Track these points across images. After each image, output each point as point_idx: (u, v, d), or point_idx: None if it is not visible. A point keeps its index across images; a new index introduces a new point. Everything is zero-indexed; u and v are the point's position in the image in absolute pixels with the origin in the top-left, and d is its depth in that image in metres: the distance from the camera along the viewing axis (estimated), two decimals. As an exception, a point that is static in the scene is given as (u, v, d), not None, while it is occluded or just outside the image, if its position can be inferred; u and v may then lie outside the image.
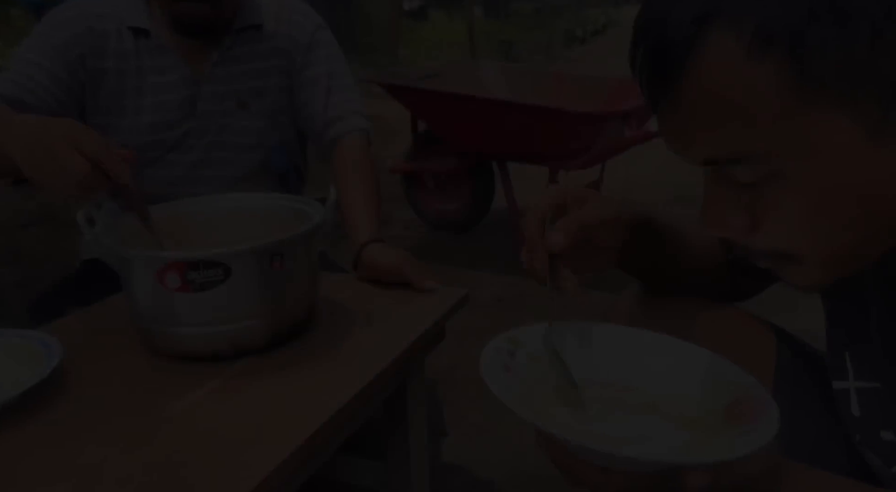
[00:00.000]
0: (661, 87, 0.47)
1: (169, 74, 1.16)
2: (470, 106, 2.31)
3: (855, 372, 0.63)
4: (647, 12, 0.47)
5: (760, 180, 0.47)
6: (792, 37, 0.41)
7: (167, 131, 1.17)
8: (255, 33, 1.20)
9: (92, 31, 1.11)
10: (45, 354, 0.79)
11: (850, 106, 0.43)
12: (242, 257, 0.82)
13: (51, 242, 2.88)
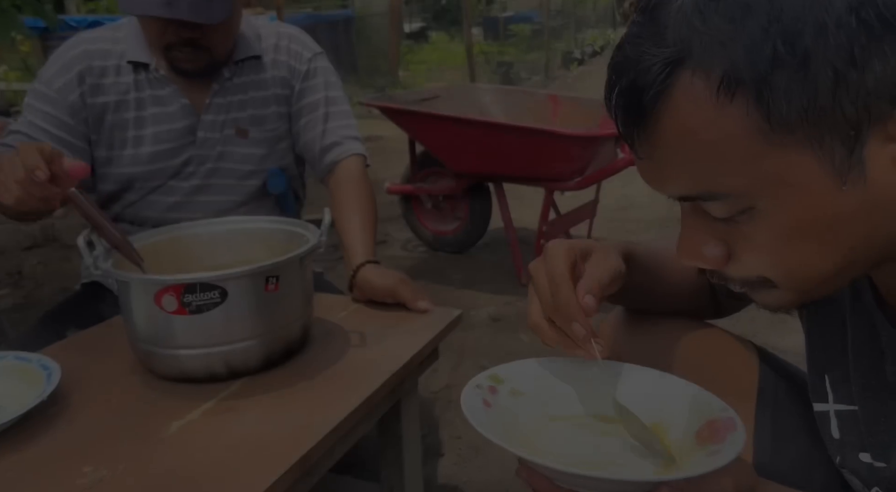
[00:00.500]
0: (635, 127, 0.49)
1: (169, 105, 1.19)
2: (465, 129, 2.34)
3: (834, 395, 0.65)
4: (621, 55, 0.49)
5: (734, 215, 0.49)
6: (758, 82, 0.43)
7: (168, 160, 1.20)
8: (254, 64, 1.24)
9: (91, 71, 1.17)
10: (44, 377, 0.81)
11: (816, 146, 0.44)
12: (238, 280, 0.84)
13: (51, 263, 2.91)
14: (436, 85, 8.74)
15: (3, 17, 3.07)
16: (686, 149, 0.47)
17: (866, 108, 0.43)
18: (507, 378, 0.63)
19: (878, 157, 0.45)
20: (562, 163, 2.22)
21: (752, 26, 0.42)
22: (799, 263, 0.49)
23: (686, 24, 0.44)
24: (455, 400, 1.74)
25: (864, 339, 0.60)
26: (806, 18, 0.42)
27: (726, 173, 0.46)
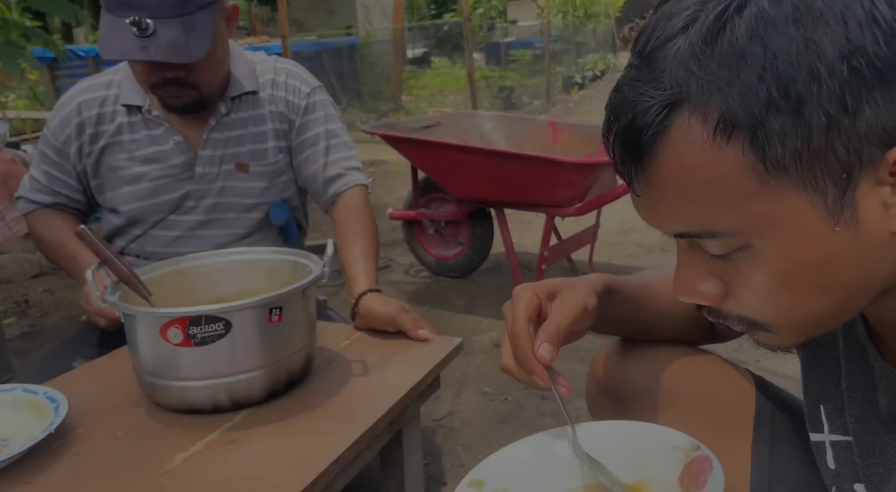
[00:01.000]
0: (633, 165, 0.51)
1: (164, 143, 1.23)
2: (466, 156, 2.38)
3: (829, 425, 0.66)
4: (619, 97, 0.50)
5: (730, 252, 0.50)
6: (753, 125, 0.44)
7: (166, 195, 1.24)
8: (251, 99, 1.26)
9: (89, 120, 1.23)
10: (52, 409, 0.82)
11: (809, 187, 0.46)
12: (242, 312, 0.86)
13: (58, 292, 2.93)
14: (437, 111, 8.84)
15: (12, 48, 3.13)
16: (683, 187, 0.48)
17: (857, 152, 0.45)
18: (487, 480, 0.63)
19: (870, 200, 0.46)
20: (562, 189, 2.25)
21: (747, 72, 0.44)
22: (794, 304, 0.50)
23: (683, 69, 0.46)
24: (457, 428, 1.74)
25: (858, 371, 0.61)
26: (799, 65, 0.43)
27: (723, 212, 0.48)
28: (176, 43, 1.06)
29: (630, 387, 0.82)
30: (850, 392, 0.62)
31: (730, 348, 2.10)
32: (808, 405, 0.68)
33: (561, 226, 2.79)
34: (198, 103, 1.20)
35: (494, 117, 3.12)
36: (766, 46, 0.44)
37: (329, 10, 15.26)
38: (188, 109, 1.21)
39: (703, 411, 0.77)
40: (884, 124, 0.44)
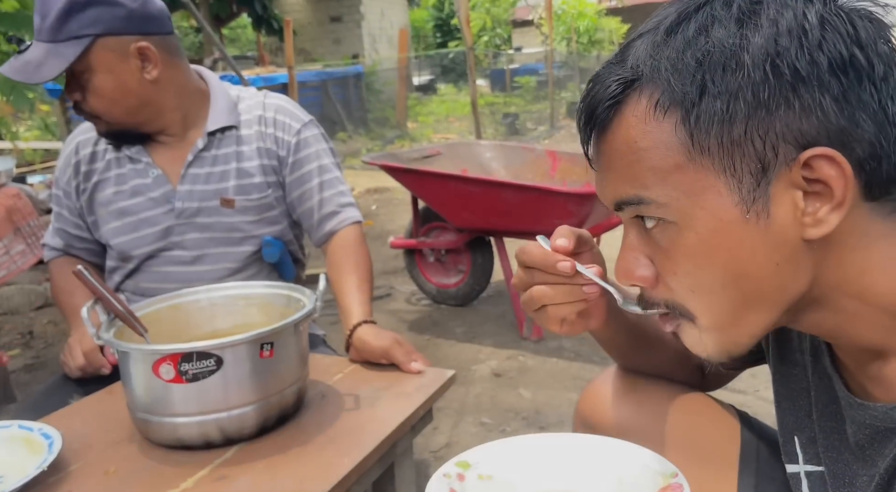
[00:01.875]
0: (590, 135, 0.57)
1: (145, 177, 1.26)
2: (465, 186, 2.41)
3: (804, 456, 0.67)
4: (594, 75, 0.57)
5: (657, 228, 0.54)
6: (685, 104, 0.50)
7: (149, 228, 1.26)
8: (234, 136, 1.28)
9: (83, 160, 1.29)
10: (46, 446, 0.84)
11: (728, 172, 0.50)
12: (233, 348, 0.87)
13: (61, 323, 2.95)
14: (443, 137, 8.92)
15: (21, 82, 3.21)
16: (625, 155, 0.53)
17: (773, 147, 0.49)
18: (474, 463, 0.65)
19: (783, 199, 0.50)
20: (559, 219, 2.26)
21: (688, 59, 0.50)
22: (709, 291, 0.54)
23: (644, 54, 0.52)
24: (454, 450, 1.73)
25: (826, 401, 0.63)
26: (731, 57, 0.48)
27: (653, 180, 0.52)
28: (29, 63, 1.12)
29: (615, 425, 0.82)
30: (820, 422, 0.63)
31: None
32: (783, 437, 0.69)
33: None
34: (124, 135, 1.24)
35: (494, 146, 3.16)
36: (709, 39, 0.49)
37: (336, 40, 15.52)
38: (115, 138, 1.25)
39: (689, 450, 0.77)
40: (799, 127, 0.48)
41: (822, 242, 0.50)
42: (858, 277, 0.52)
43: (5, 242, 1.88)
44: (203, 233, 1.27)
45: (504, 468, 0.66)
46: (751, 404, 1.85)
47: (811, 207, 0.49)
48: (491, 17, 17.51)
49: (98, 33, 1.13)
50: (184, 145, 1.27)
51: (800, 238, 0.50)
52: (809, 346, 0.65)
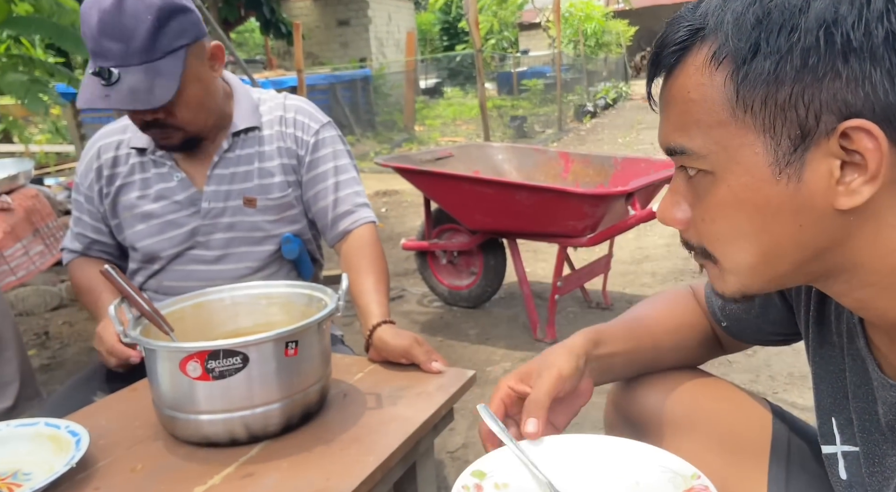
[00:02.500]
0: (654, 76, 0.58)
1: (170, 180, 1.27)
2: (478, 187, 2.41)
3: (841, 436, 0.67)
4: (670, 19, 0.58)
5: (697, 177, 0.56)
6: (737, 63, 0.51)
7: (175, 231, 1.27)
8: (256, 136, 1.29)
9: (106, 164, 1.29)
10: (73, 443, 0.84)
11: (768, 134, 0.51)
12: (259, 346, 0.88)
13: (77, 324, 2.97)
14: (450, 140, 8.93)
15: (36, 85, 3.24)
16: (678, 103, 0.55)
17: (816, 115, 0.49)
18: (489, 472, 0.66)
19: (819, 166, 0.50)
20: (574, 220, 2.26)
21: (749, 15, 0.51)
22: (731, 238, 0.56)
23: (714, 4, 0.53)
24: (471, 460, 1.73)
25: (859, 382, 0.63)
26: (789, 20, 0.49)
27: (697, 132, 0.54)
28: (138, 90, 1.08)
29: (646, 412, 0.83)
30: (855, 403, 0.64)
31: (746, 381, 2.09)
32: (820, 418, 0.70)
33: (574, 256, 2.80)
34: (189, 142, 1.23)
35: (506, 148, 3.16)
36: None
37: (343, 44, 15.58)
38: (181, 148, 1.24)
39: (720, 438, 0.77)
40: (845, 98, 0.48)
41: (857, 213, 0.51)
42: (891, 254, 0.52)
43: (24, 242, 1.89)
44: (227, 233, 1.28)
45: (520, 476, 0.66)
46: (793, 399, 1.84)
47: (847, 176, 0.50)
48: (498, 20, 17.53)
49: (189, 42, 1.13)
50: (207, 147, 1.28)
51: (830, 205, 0.51)
52: (845, 328, 0.65)
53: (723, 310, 0.83)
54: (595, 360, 0.79)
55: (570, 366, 0.75)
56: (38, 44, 5.82)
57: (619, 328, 0.84)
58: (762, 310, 0.78)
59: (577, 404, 0.78)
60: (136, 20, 1.06)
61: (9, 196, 1.93)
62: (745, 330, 0.82)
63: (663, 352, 0.85)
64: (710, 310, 0.85)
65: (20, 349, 1.23)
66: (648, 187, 2.36)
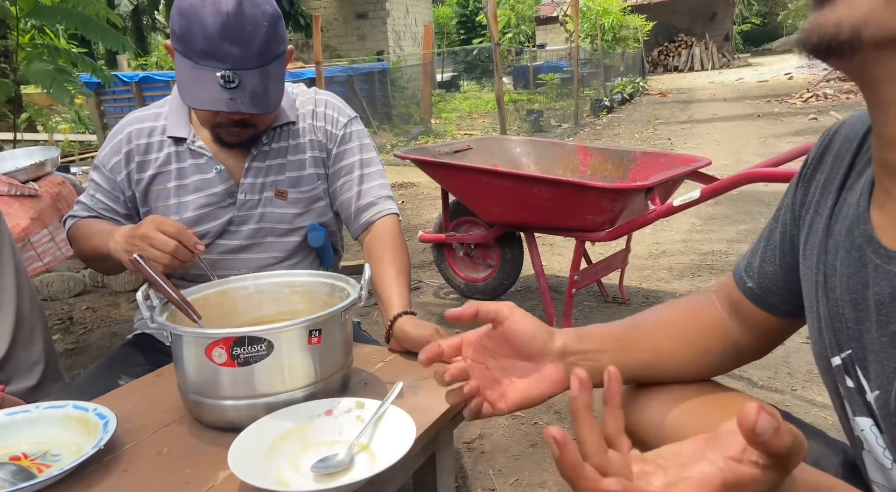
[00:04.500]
0: None
1: (207, 172, 1.27)
2: (496, 180, 2.40)
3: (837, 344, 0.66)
4: None
5: None
6: None
7: (210, 222, 1.28)
8: (290, 129, 1.31)
9: (137, 149, 1.28)
10: (101, 426, 0.86)
11: None
12: (284, 333, 0.89)
13: (100, 309, 3.01)
14: (466, 133, 8.90)
15: (61, 75, 3.29)
16: None
17: None
18: None
19: None
20: (592, 214, 2.25)
21: None
22: None
23: None
24: (488, 451, 1.74)
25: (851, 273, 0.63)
26: None
27: None
28: (258, 94, 1.11)
29: (649, 430, 0.80)
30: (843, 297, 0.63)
31: (764, 378, 2.07)
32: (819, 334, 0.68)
33: (591, 250, 2.79)
34: (251, 140, 1.26)
35: (524, 142, 3.15)
36: None
37: (361, 36, 15.59)
38: (241, 146, 1.26)
39: None
40: None
41: None
42: None
43: (51, 229, 1.92)
44: (257, 224, 1.30)
45: None
46: (789, 403, 1.83)
47: None
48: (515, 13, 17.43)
49: (287, 48, 1.18)
50: None
51: None
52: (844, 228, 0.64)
53: (748, 269, 0.80)
54: (576, 354, 0.78)
55: (528, 317, 0.75)
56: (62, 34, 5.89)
57: (611, 328, 0.83)
58: (782, 257, 0.76)
59: (539, 388, 0.76)
60: (254, 26, 1.08)
61: (36, 183, 1.96)
62: (772, 289, 0.78)
63: (664, 358, 0.82)
64: (736, 276, 0.82)
65: (45, 332, 1.25)
66: (668, 182, 2.34)
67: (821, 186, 0.72)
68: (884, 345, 0.59)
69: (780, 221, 0.79)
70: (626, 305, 2.78)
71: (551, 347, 0.78)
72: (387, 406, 0.90)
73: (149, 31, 13.69)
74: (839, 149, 0.72)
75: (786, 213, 0.77)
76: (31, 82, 3.46)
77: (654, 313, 0.87)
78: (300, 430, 0.86)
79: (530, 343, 0.77)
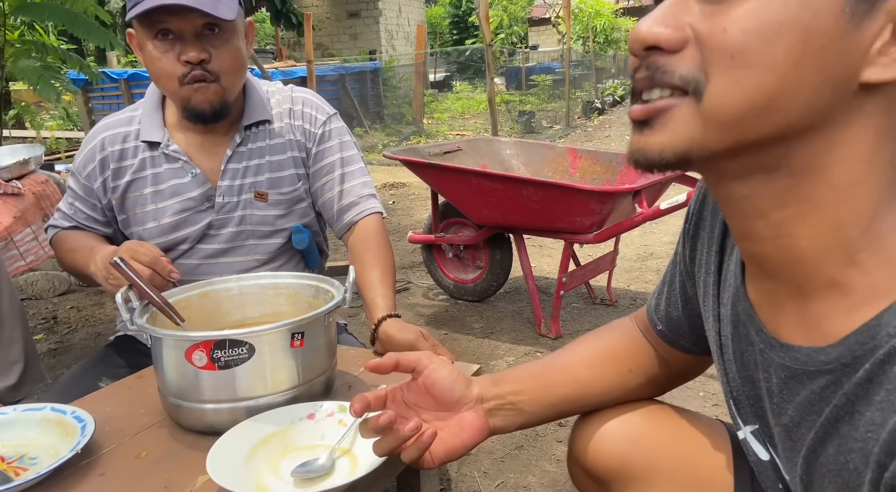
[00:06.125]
0: None
1: (183, 176, 1.25)
2: (486, 182, 2.40)
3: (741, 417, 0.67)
4: None
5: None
6: None
7: (189, 227, 1.26)
8: (267, 128, 1.29)
9: (111, 156, 1.26)
10: (79, 429, 0.85)
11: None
12: (265, 336, 0.88)
13: (85, 309, 2.99)
14: (458, 134, 8.91)
15: (49, 72, 3.25)
16: None
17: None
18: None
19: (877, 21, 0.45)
20: (581, 217, 2.26)
21: None
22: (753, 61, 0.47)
23: None
24: (473, 454, 1.73)
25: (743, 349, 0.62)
26: None
27: None
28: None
29: (607, 465, 0.80)
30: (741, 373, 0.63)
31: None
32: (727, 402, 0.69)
33: (579, 252, 2.79)
34: (222, 108, 1.19)
35: (514, 143, 3.15)
36: None
37: (353, 35, 15.55)
38: (213, 116, 1.20)
39: (683, 484, 0.76)
40: None
41: (867, 95, 0.47)
42: (853, 166, 0.48)
43: (34, 228, 1.90)
44: (237, 226, 1.28)
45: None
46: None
47: (892, 47, 0.46)
48: (508, 14, 17.45)
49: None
50: (220, 141, 1.27)
51: (857, 71, 0.46)
52: (730, 293, 0.63)
53: (657, 310, 0.81)
54: (495, 398, 0.77)
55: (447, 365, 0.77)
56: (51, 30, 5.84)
57: (526, 368, 0.83)
58: (686, 308, 0.76)
59: (461, 437, 0.75)
60: None
61: (19, 181, 1.94)
62: (679, 331, 0.79)
63: (587, 385, 0.81)
64: (648, 315, 0.82)
65: (25, 330, 1.24)
66: (655, 185, 2.35)
67: (706, 245, 0.70)
68: (781, 434, 0.59)
69: (677, 269, 0.77)
70: (613, 306, 2.79)
71: (469, 395, 0.77)
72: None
73: (139, 28, 13.61)
74: (714, 205, 0.69)
75: (681, 263, 0.76)
76: (18, 79, 3.43)
77: (570, 347, 0.87)
78: (281, 434, 0.85)
79: (450, 391, 0.76)
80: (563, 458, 1.65)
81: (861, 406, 0.48)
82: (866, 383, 0.47)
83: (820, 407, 0.51)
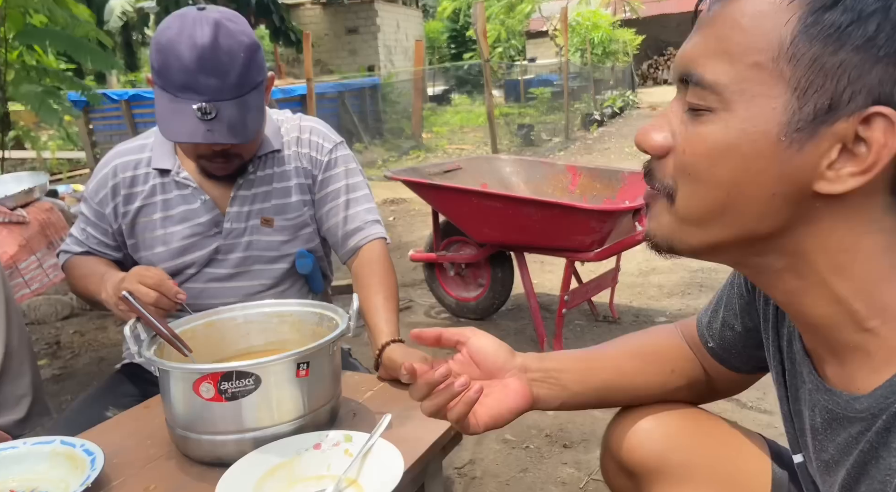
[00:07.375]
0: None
1: (192, 203, 1.28)
2: (486, 201, 2.42)
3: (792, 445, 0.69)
4: None
5: (700, 108, 0.53)
6: (813, 6, 0.48)
7: (197, 252, 1.28)
8: (275, 156, 1.32)
9: (123, 183, 1.29)
10: (88, 462, 0.85)
11: (796, 95, 0.49)
12: (271, 367, 0.89)
13: (88, 333, 2.99)
14: (457, 148, 8.93)
15: (49, 95, 3.28)
16: (725, 25, 0.51)
17: (853, 95, 0.48)
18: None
19: (822, 143, 0.49)
20: (581, 235, 2.27)
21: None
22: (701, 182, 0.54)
23: None
24: (479, 477, 1.73)
25: (798, 385, 0.65)
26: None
27: (726, 65, 0.51)
28: (236, 125, 1.11)
29: (640, 460, 0.81)
30: (794, 407, 0.66)
31: (753, 398, 2.07)
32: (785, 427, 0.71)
33: (581, 269, 2.80)
34: (237, 170, 1.26)
35: (514, 161, 3.17)
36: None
37: (352, 51, 15.68)
38: (233, 175, 1.26)
39: (719, 486, 0.77)
40: (891, 89, 0.47)
41: (827, 202, 0.51)
42: (836, 254, 0.53)
43: (39, 255, 1.91)
44: (244, 252, 1.30)
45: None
46: (778, 424, 1.84)
47: (840, 163, 0.49)
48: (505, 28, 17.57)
49: (266, 76, 1.19)
50: None
51: (810, 185, 0.50)
52: (786, 331, 0.66)
53: (710, 327, 0.82)
54: (539, 371, 0.80)
55: (489, 336, 0.80)
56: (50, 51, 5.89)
57: (571, 352, 0.86)
58: (744, 330, 0.78)
59: (506, 403, 0.78)
60: (231, 57, 1.09)
61: (24, 209, 1.96)
62: (731, 351, 0.80)
63: (629, 376, 0.83)
64: (699, 331, 0.83)
65: (33, 364, 1.25)
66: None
67: None
68: (821, 468, 0.62)
69: (735, 291, 0.78)
70: (616, 323, 2.80)
71: (513, 362, 0.81)
72: (375, 440, 0.90)
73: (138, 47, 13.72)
74: None
75: (741, 287, 0.77)
76: (20, 103, 3.46)
77: (614, 341, 0.89)
78: (288, 465, 0.86)
79: (494, 357, 0.80)
80: (569, 481, 1.65)
81: (883, 452, 0.52)
82: (885, 432, 0.52)
83: (853, 450, 0.55)
